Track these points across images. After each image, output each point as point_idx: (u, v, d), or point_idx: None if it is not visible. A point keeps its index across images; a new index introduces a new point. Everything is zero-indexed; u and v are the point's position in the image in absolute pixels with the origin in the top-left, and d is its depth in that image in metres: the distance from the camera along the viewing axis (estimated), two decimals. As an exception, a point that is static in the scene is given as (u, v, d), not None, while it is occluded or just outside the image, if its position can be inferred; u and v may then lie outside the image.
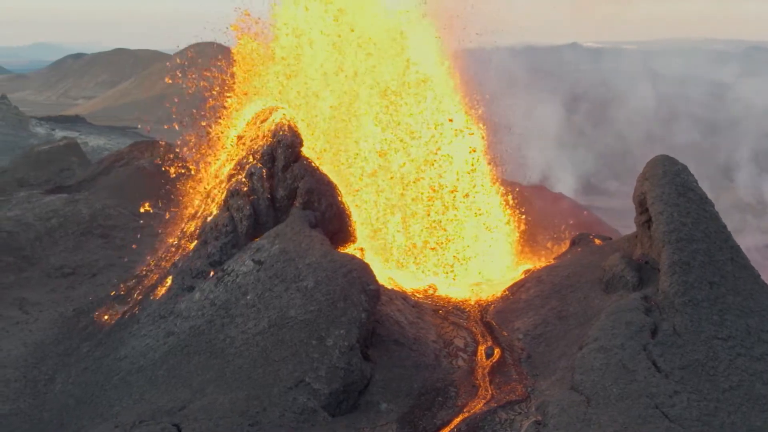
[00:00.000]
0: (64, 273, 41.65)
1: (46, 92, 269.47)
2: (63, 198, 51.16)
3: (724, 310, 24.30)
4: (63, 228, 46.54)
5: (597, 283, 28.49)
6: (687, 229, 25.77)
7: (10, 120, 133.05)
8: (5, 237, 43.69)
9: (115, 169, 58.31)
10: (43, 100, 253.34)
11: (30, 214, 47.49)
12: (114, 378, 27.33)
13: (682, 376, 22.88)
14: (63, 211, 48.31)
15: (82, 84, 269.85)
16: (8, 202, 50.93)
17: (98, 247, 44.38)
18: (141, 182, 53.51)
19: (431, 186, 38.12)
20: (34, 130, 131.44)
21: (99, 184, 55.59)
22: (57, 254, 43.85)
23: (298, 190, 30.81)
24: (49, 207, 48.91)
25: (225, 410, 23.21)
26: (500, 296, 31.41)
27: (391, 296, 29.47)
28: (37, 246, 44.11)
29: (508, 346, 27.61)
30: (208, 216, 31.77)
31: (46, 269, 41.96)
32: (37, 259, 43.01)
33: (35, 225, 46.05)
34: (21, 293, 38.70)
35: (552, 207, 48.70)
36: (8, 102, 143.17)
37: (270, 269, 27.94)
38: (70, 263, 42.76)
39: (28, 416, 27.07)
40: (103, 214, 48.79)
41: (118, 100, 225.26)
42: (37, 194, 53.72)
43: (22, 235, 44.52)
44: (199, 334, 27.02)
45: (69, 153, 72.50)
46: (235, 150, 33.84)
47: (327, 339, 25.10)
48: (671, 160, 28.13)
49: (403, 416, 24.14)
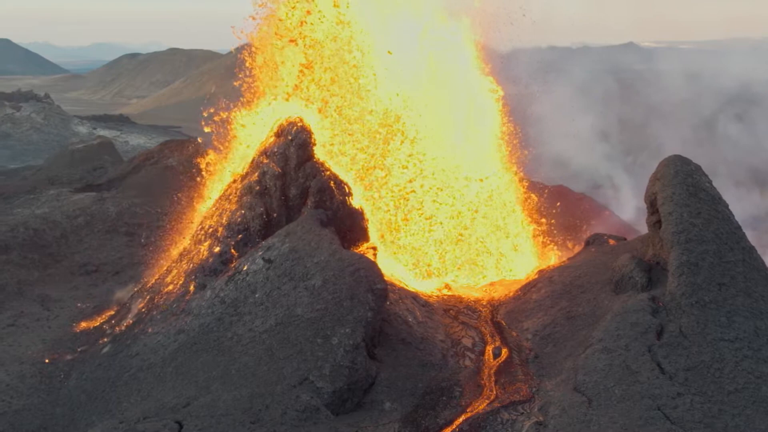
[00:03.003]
0: (87, 270, 42.20)
1: (100, 92, 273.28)
2: (91, 196, 51.88)
3: (732, 311, 23.99)
4: (89, 226, 47.18)
5: (607, 283, 28.26)
6: (697, 230, 25.47)
7: (53, 119, 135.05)
8: (31, 234, 44.35)
9: (144, 167, 58.91)
10: (97, 99, 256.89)
11: (58, 212, 48.20)
12: (125, 375, 27.64)
13: (686, 377, 22.66)
14: (90, 210, 48.96)
15: (135, 83, 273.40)
16: (38, 200, 51.78)
17: (123, 245, 44.92)
18: (168, 181, 53.98)
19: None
20: (75, 129, 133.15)
21: (128, 182, 56.22)
22: (82, 252, 44.46)
23: (310, 189, 30.98)
24: (77, 205, 49.61)
25: (228, 407, 23.40)
26: (512, 296, 31.30)
27: (401, 295, 29.48)
28: (63, 244, 44.74)
29: (516, 346, 27.51)
30: (222, 214, 32.03)
31: (70, 267, 42.56)
32: (62, 256, 43.63)
33: (62, 223, 46.70)
34: (44, 290, 39.29)
35: (574, 207, 48.41)
36: (51, 101, 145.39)
37: (279, 268, 28.09)
38: (94, 261, 43.33)
39: (40, 411, 27.46)
40: (129, 212, 49.38)
41: (169, 99, 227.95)
42: (66, 192, 54.51)
43: (49, 233, 45.18)
44: (208, 332, 27.23)
45: (102, 152, 73.62)
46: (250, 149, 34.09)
47: (332, 337, 25.18)
48: (684, 160, 27.82)
49: (406, 415, 24.14)
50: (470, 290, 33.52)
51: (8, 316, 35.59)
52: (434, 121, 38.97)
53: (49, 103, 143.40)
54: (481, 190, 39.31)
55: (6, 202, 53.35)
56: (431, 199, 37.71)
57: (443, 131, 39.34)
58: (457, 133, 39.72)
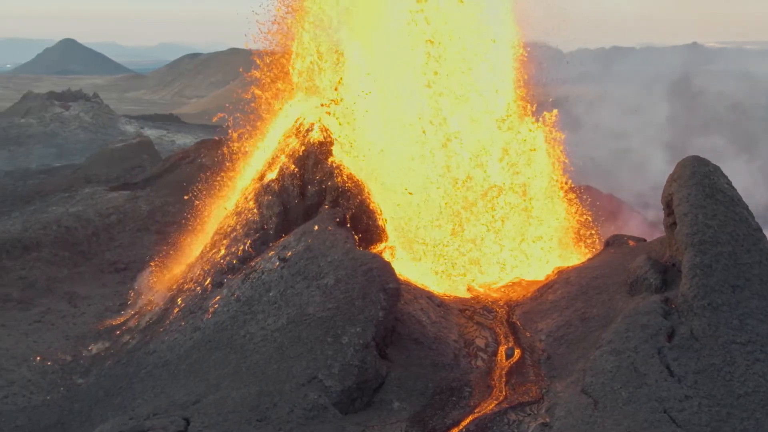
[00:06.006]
0: (117, 268, 42.77)
1: (160, 91, 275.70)
2: (125, 195, 52.55)
3: (745, 314, 23.63)
4: (121, 224, 47.83)
5: (623, 285, 28.01)
6: (712, 232, 25.14)
7: (101, 118, 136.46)
8: (63, 232, 45.07)
9: (179, 166, 59.47)
10: (157, 99, 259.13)
11: (91, 210, 48.90)
12: (141, 372, 28.01)
13: (695, 380, 22.38)
14: (123, 208, 49.62)
15: (195, 83, 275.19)
16: (73, 198, 52.55)
17: (153, 243, 45.32)
18: (202, 180, 54.34)
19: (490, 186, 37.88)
20: (123, 128, 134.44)
21: (162, 181, 56.81)
22: (112, 250, 45.07)
23: (327, 188, 31.14)
24: (110, 203, 50.29)
25: (235, 405, 23.55)
26: (529, 297, 31.18)
27: (416, 295, 29.48)
28: (94, 241, 45.39)
29: (529, 347, 27.40)
30: (241, 213, 32.32)
31: (100, 264, 43.16)
32: (93, 254, 44.26)
33: (94, 221, 47.38)
34: (72, 287, 39.89)
35: (601, 207, 47.91)
36: (100, 101, 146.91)
37: (294, 266, 28.27)
38: (123, 259, 43.88)
39: (58, 407, 27.91)
40: (161, 211, 49.94)
41: (226, 99, 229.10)
42: (101, 191, 55.24)
43: (81, 231, 45.86)
44: (222, 330, 27.49)
45: (141, 150, 74.44)
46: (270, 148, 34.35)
47: (342, 336, 25.25)
48: (702, 161, 27.48)
49: (414, 415, 24.11)
50: (490, 290, 33.40)
51: (35, 313, 36.22)
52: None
53: (98, 102, 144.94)
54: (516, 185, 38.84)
55: (42, 200, 54.32)
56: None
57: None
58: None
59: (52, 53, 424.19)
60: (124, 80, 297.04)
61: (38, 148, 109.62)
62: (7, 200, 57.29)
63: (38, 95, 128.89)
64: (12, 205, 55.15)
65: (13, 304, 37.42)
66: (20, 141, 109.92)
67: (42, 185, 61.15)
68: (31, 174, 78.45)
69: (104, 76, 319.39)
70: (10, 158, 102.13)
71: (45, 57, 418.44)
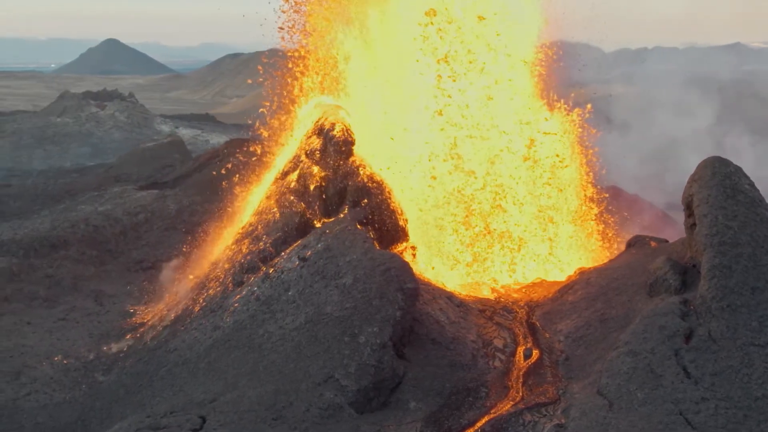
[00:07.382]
0: (143, 267, 43.13)
1: (201, 91, 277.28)
2: (153, 194, 52.95)
3: (765, 316, 23.35)
4: (148, 223, 48.22)
5: (643, 286, 27.83)
6: (732, 233, 24.89)
7: (136, 118, 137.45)
8: (91, 231, 45.53)
9: (209, 165, 59.74)
10: (198, 99, 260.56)
11: (120, 209, 49.36)
12: (161, 370, 28.24)
13: (712, 382, 22.18)
14: (151, 207, 50.03)
15: (236, 83, 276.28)
16: (102, 197, 53.06)
17: (180, 242, 45.57)
18: (230, 179, 54.60)
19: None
20: (158, 128, 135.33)
21: (190, 180, 57.14)
22: (139, 249, 45.47)
23: (348, 188, 31.22)
24: (138, 202, 50.72)
25: (252, 403, 23.70)
26: (550, 297, 31.08)
27: (435, 295, 29.48)
28: (121, 240, 45.80)
29: (547, 348, 27.31)
30: (262, 213, 32.49)
31: (127, 263, 43.56)
32: (120, 252, 44.67)
33: (122, 220, 47.83)
34: (99, 286, 40.29)
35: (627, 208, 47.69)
36: (135, 101, 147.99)
37: (313, 266, 28.37)
38: (150, 258, 44.24)
39: (80, 404, 28.21)
40: (189, 210, 50.26)
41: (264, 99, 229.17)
42: (130, 190, 55.74)
43: (108, 230, 46.31)
44: (242, 329, 27.66)
45: (172, 150, 74.94)
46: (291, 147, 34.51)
47: (359, 336, 25.30)
48: (723, 161, 27.22)
49: (429, 415, 24.10)
50: (511, 291, 33.32)
51: (60, 311, 36.63)
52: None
53: (133, 102, 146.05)
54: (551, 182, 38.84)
55: (72, 199, 54.90)
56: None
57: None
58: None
59: (96, 53, 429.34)
60: (166, 80, 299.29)
61: (73, 147, 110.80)
62: (38, 199, 57.97)
63: (74, 95, 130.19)
64: (42, 203, 55.82)
65: (40, 302, 37.84)
66: (56, 140, 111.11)
67: (72, 184, 61.83)
68: (64, 173, 79.40)
69: (146, 76, 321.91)
70: (45, 157, 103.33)
71: (88, 57, 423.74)
